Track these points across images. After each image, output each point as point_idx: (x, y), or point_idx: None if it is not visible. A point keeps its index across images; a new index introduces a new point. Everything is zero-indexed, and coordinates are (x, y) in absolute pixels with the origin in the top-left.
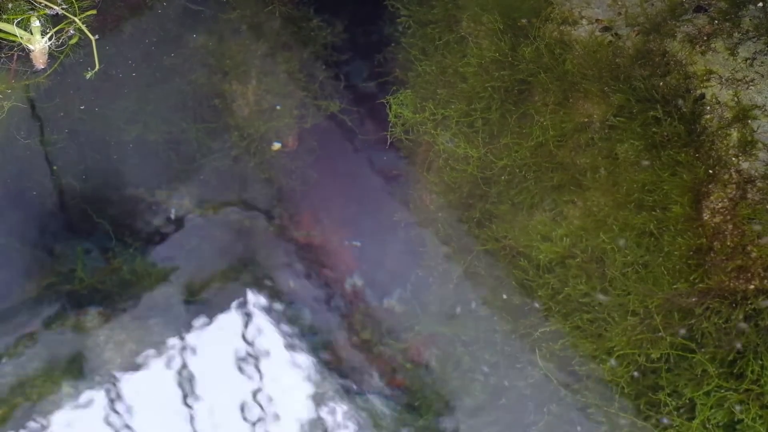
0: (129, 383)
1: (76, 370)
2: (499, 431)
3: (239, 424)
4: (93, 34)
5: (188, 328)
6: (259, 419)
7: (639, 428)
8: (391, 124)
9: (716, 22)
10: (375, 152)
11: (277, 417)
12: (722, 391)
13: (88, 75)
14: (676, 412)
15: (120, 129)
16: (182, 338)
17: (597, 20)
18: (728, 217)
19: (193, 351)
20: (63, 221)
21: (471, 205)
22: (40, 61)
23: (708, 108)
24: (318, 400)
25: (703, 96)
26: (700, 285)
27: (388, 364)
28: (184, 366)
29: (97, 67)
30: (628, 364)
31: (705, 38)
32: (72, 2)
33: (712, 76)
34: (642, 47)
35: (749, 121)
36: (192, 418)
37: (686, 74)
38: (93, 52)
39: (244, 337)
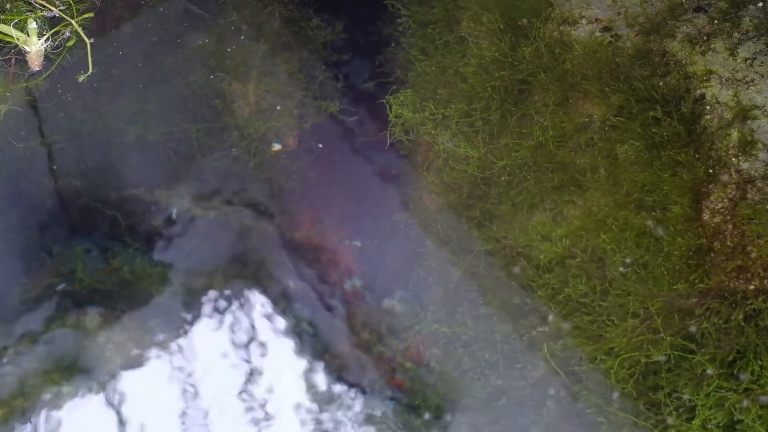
0: (129, 383)
1: (76, 370)
2: (499, 431)
3: (238, 423)
4: (91, 36)
5: (188, 328)
6: (259, 419)
7: (639, 428)
8: (391, 124)
9: (716, 22)
10: (375, 152)
11: (276, 417)
12: (722, 391)
13: (81, 78)
14: (675, 413)
15: (120, 129)
16: (182, 338)
17: (597, 20)
18: (728, 218)
19: (193, 351)
20: (63, 221)
21: (471, 206)
22: (35, 63)
23: (708, 108)
24: (318, 400)
25: (703, 96)
26: (700, 285)
27: (388, 364)
28: (184, 366)
29: (90, 70)
30: (630, 366)
31: (705, 38)
32: (70, 4)
33: (712, 76)
34: (642, 47)
35: (749, 122)
36: (191, 418)
37: (686, 74)
38: (88, 55)
39: (244, 338)
